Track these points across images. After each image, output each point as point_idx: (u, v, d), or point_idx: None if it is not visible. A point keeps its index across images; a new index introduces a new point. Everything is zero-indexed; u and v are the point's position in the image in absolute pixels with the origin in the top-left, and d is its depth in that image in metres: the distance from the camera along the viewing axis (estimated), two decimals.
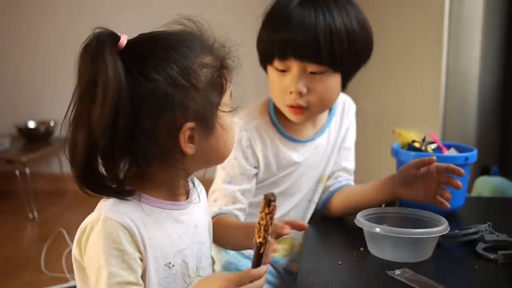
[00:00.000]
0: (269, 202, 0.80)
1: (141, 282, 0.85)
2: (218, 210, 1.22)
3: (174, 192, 0.93)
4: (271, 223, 0.81)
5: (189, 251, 0.94)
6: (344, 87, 1.26)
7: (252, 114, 1.29)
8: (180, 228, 0.93)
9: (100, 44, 0.81)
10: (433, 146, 1.41)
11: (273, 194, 0.80)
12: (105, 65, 0.80)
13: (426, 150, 1.37)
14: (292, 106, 1.21)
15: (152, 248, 0.87)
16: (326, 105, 1.26)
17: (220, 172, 1.27)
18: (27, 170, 3.27)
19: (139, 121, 0.83)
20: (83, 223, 0.86)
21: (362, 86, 2.60)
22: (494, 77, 2.49)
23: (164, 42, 0.87)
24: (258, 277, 0.82)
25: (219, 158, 0.95)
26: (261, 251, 0.83)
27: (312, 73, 1.18)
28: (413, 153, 1.34)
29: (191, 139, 0.87)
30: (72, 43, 0.87)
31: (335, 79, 1.21)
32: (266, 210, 0.80)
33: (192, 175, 0.97)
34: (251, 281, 0.81)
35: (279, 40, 1.16)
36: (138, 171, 0.88)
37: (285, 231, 0.94)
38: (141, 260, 0.86)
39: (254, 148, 1.27)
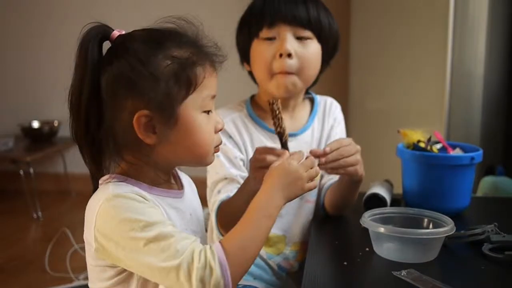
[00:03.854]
0: (272, 102, 1.09)
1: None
2: (219, 200, 1.25)
3: (158, 182, 0.94)
4: (281, 116, 1.09)
5: None
6: (323, 66, 1.37)
7: (228, 109, 1.37)
8: (176, 214, 0.94)
9: (86, 35, 0.90)
10: (439, 146, 1.40)
11: (271, 98, 1.10)
12: (83, 51, 0.89)
13: (431, 150, 1.36)
14: (281, 73, 1.27)
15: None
16: (307, 74, 1.31)
17: (211, 170, 1.30)
18: (31, 170, 3.27)
19: (105, 106, 0.87)
20: (92, 209, 0.86)
21: (368, 86, 2.60)
22: (498, 77, 2.49)
23: (141, 36, 0.91)
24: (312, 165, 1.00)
25: (193, 156, 0.94)
26: (283, 138, 1.10)
27: (298, 38, 1.28)
28: (418, 153, 1.34)
29: (151, 128, 0.88)
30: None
31: (316, 48, 1.31)
32: (274, 107, 1.08)
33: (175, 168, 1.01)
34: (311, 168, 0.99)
35: (269, 9, 1.27)
36: (123, 162, 0.91)
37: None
38: None
39: (235, 140, 1.32)
